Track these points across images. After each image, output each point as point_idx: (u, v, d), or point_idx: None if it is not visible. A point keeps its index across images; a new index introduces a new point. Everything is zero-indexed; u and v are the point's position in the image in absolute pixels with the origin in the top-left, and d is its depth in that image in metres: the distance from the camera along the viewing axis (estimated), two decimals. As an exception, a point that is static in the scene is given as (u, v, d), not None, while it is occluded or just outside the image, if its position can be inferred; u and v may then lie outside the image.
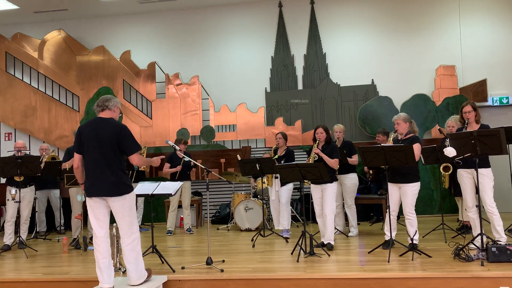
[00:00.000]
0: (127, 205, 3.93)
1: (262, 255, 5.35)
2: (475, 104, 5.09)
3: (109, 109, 4.03)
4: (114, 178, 3.86)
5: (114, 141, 3.88)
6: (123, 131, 3.92)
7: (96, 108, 4.06)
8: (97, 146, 3.87)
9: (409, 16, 8.87)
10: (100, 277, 3.90)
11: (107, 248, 3.92)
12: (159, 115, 9.23)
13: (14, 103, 9.46)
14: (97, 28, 9.66)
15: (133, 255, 3.98)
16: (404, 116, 5.35)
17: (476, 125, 5.03)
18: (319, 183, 5.53)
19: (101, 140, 3.87)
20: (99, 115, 4.05)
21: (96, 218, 3.93)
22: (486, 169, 4.89)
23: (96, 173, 3.87)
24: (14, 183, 6.39)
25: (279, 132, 6.98)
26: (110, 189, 3.86)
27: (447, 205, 8.01)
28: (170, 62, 9.36)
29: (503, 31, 8.60)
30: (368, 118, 8.62)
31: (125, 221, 3.94)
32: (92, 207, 3.92)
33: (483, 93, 8.40)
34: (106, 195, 3.87)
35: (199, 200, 8.26)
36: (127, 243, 3.96)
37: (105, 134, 3.88)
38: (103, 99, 4.06)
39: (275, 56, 9.16)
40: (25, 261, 5.55)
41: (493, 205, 4.86)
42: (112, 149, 3.88)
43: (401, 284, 4.13)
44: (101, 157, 3.86)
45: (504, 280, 4.01)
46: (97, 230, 3.92)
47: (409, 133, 5.36)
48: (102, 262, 3.88)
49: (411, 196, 5.15)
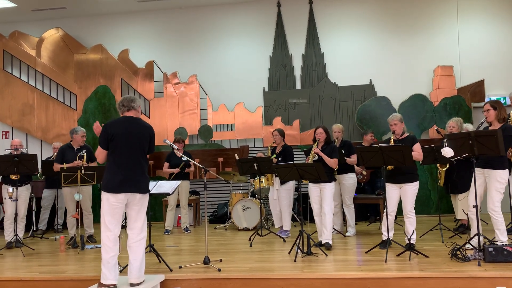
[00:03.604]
0: (147, 202, 4.17)
1: (260, 255, 5.35)
2: (497, 102, 4.88)
3: (135, 109, 4.18)
4: (145, 175, 4.11)
5: (147, 140, 4.14)
6: (152, 132, 4.23)
7: (121, 107, 4.16)
8: (132, 144, 4.02)
9: (407, 16, 8.88)
10: (107, 274, 3.92)
11: (118, 246, 4.00)
12: (157, 114, 9.21)
13: (12, 102, 9.43)
14: (95, 27, 9.64)
15: (142, 251, 4.09)
16: (399, 116, 5.41)
17: (499, 124, 4.83)
18: (318, 183, 5.54)
19: (136, 138, 4.05)
20: (124, 114, 4.16)
21: (113, 217, 3.96)
22: (496, 171, 4.73)
23: (131, 169, 3.99)
24: (10, 182, 6.36)
25: (276, 129, 6.79)
26: (142, 185, 4.05)
27: (444, 205, 8.03)
28: (168, 61, 9.34)
29: (501, 32, 8.62)
30: (366, 118, 8.63)
31: (143, 218, 4.12)
32: (112, 206, 3.94)
33: (480, 94, 8.43)
34: (138, 191, 4.01)
35: (197, 199, 8.26)
36: (140, 238, 4.08)
37: (140, 133, 4.08)
38: (128, 99, 4.17)
39: (273, 55, 9.16)
40: (22, 260, 5.54)
41: (495, 208, 4.74)
42: (144, 148, 4.12)
43: (398, 284, 4.14)
44: (136, 154, 4.04)
45: (500, 280, 4.03)
46: (113, 228, 3.95)
47: (404, 133, 5.41)
48: (112, 259, 3.94)
49: (411, 195, 5.16)
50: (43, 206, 7.76)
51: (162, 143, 8.91)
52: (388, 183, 5.27)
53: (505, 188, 4.83)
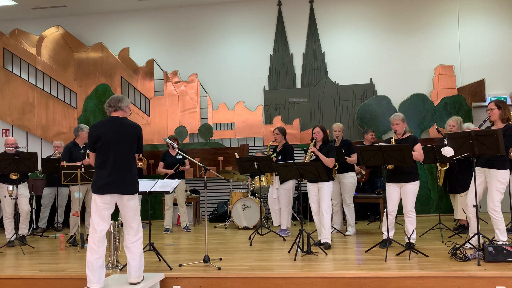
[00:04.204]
0: (138, 203, 4.09)
1: (260, 253, 5.36)
2: (502, 102, 4.85)
3: (122, 109, 4.10)
4: (133, 176, 4.01)
5: (134, 140, 4.04)
6: (140, 131, 4.13)
7: (108, 108, 4.09)
8: (118, 144, 3.94)
9: (408, 15, 8.87)
10: (90, 276, 3.84)
11: (103, 248, 3.91)
12: (157, 112, 9.21)
13: (12, 100, 9.43)
14: (95, 25, 9.63)
15: (139, 251, 4.05)
16: (402, 116, 5.39)
17: (502, 124, 4.82)
18: (316, 182, 5.55)
19: (121, 139, 3.96)
20: (112, 115, 4.08)
21: (101, 218, 3.90)
22: (497, 170, 4.72)
23: (116, 170, 3.91)
24: (7, 180, 6.34)
25: (277, 127, 6.71)
26: (129, 186, 3.95)
27: (444, 204, 8.03)
28: (169, 60, 9.34)
29: (501, 31, 8.61)
30: (366, 117, 8.63)
31: (136, 219, 4.05)
32: (99, 207, 3.89)
33: (481, 93, 8.42)
34: (125, 192, 3.93)
35: (197, 198, 8.26)
36: (136, 239, 4.03)
37: (126, 133, 3.98)
38: (115, 99, 4.09)
39: (274, 54, 9.15)
40: (22, 258, 5.55)
41: (495, 208, 4.72)
42: (131, 148, 4.03)
43: (398, 283, 4.14)
44: (121, 155, 3.95)
45: (500, 279, 4.03)
46: (99, 230, 3.88)
47: (405, 133, 5.40)
48: (97, 262, 3.85)
49: (412, 194, 5.16)
50: (43, 204, 7.77)
51: (162, 142, 8.94)
52: (389, 182, 5.27)
53: (505, 188, 4.82)
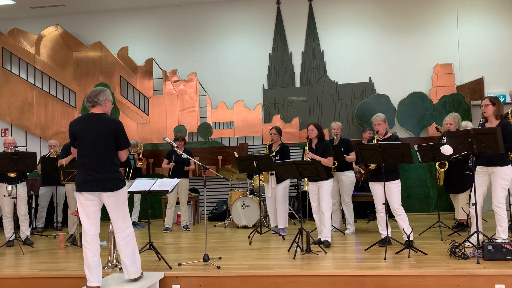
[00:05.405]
0: (121, 200, 3.93)
1: (259, 252, 5.36)
2: (496, 99, 4.87)
3: (100, 104, 3.98)
4: (110, 174, 3.87)
5: (111, 136, 3.89)
6: (119, 126, 3.95)
7: (87, 104, 4.01)
8: (93, 142, 3.85)
9: (407, 14, 8.87)
10: (88, 275, 3.83)
11: (97, 246, 3.88)
12: (156, 111, 9.21)
13: (11, 99, 9.42)
14: (94, 24, 9.62)
15: (130, 249, 3.97)
16: (383, 116, 5.52)
17: (496, 121, 4.83)
18: (315, 180, 5.55)
19: (97, 136, 3.85)
20: (91, 111, 3.99)
21: (87, 216, 3.87)
22: (500, 167, 4.72)
23: (91, 168, 3.84)
24: (6, 179, 6.34)
25: (273, 127, 6.70)
26: (106, 184, 3.84)
27: (443, 203, 8.03)
28: (168, 59, 9.33)
29: (500, 30, 8.62)
30: (365, 115, 8.63)
31: (119, 216, 3.94)
32: (83, 204, 3.86)
33: (480, 92, 8.43)
34: (101, 190, 3.84)
35: (196, 197, 8.26)
36: (123, 237, 3.95)
37: (102, 130, 3.86)
38: (93, 94, 3.98)
39: (273, 53, 9.15)
40: (22, 257, 5.54)
41: (499, 205, 4.72)
42: (108, 144, 3.88)
43: (397, 282, 4.15)
44: (97, 152, 3.85)
45: (499, 277, 4.03)
46: (87, 228, 3.86)
47: (387, 133, 5.56)
48: (92, 261, 3.83)
49: (396, 192, 5.24)
50: (40, 204, 7.75)
51: (162, 141, 8.94)
52: (372, 181, 5.38)
53: (509, 185, 4.83)
